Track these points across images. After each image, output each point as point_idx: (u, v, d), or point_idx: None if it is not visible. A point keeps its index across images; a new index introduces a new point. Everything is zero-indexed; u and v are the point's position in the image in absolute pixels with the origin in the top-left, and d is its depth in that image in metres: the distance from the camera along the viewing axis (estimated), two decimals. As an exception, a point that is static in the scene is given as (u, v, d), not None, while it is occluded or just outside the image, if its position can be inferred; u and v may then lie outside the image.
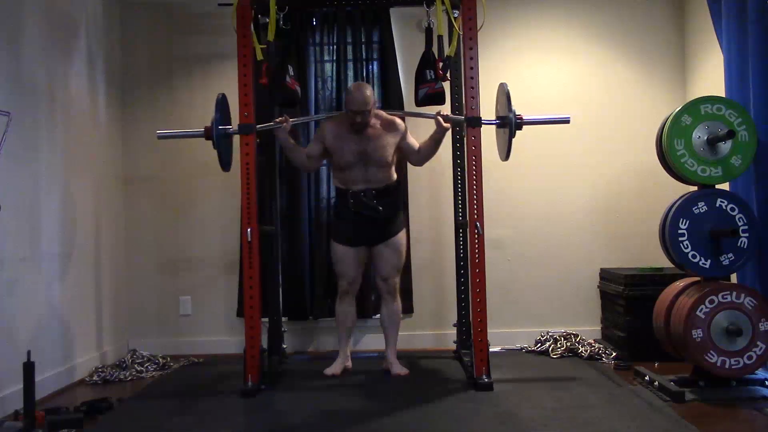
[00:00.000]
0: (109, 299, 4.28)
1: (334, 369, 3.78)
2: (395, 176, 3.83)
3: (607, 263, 4.52)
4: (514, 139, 3.46)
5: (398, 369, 3.79)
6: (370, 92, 3.65)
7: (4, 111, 2.94)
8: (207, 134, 3.42)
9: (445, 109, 4.08)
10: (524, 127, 4.51)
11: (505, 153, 3.52)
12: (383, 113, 3.80)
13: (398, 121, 3.79)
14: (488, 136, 3.64)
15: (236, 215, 4.19)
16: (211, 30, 4.61)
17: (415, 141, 3.80)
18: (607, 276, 4.38)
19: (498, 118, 3.59)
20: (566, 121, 3.62)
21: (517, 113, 3.43)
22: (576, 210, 4.59)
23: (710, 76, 4.18)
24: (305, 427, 2.94)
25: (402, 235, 3.83)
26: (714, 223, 3.26)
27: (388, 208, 3.73)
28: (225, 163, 3.55)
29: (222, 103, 3.51)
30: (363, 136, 3.68)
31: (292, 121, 3.71)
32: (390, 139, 3.72)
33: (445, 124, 3.63)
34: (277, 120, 3.65)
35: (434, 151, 3.76)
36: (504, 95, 3.50)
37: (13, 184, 3.26)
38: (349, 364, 3.88)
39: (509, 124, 3.42)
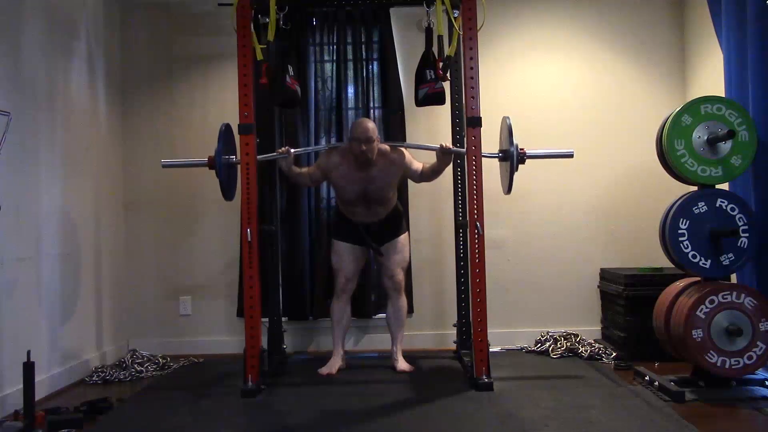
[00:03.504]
0: (109, 299, 4.28)
1: (329, 369, 3.80)
2: (395, 200, 3.92)
3: (607, 263, 4.52)
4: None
5: (403, 365, 3.83)
6: (373, 125, 3.71)
7: (4, 111, 2.94)
8: (210, 164, 3.43)
9: (445, 109, 4.11)
10: (524, 127, 4.54)
11: (507, 186, 3.52)
12: (386, 148, 3.77)
13: (398, 155, 3.77)
14: (489, 136, 3.62)
15: (236, 215, 4.19)
16: (211, 30, 4.61)
17: (417, 164, 3.80)
18: (607, 276, 4.38)
19: (500, 151, 3.57)
20: (570, 155, 3.58)
21: (519, 147, 3.40)
22: (576, 210, 4.59)
23: (710, 76, 4.18)
24: (305, 427, 2.94)
25: (404, 236, 3.93)
26: (714, 223, 3.26)
27: (388, 226, 3.86)
28: (227, 193, 3.53)
29: (225, 134, 3.48)
30: (366, 176, 3.72)
31: (294, 152, 3.71)
32: (393, 177, 3.79)
33: (446, 156, 3.66)
34: (280, 150, 3.66)
35: (436, 177, 3.82)
36: (506, 129, 3.47)
37: (13, 184, 3.26)
38: (344, 364, 3.89)
39: (510, 158, 3.41)
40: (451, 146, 3.65)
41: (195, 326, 4.58)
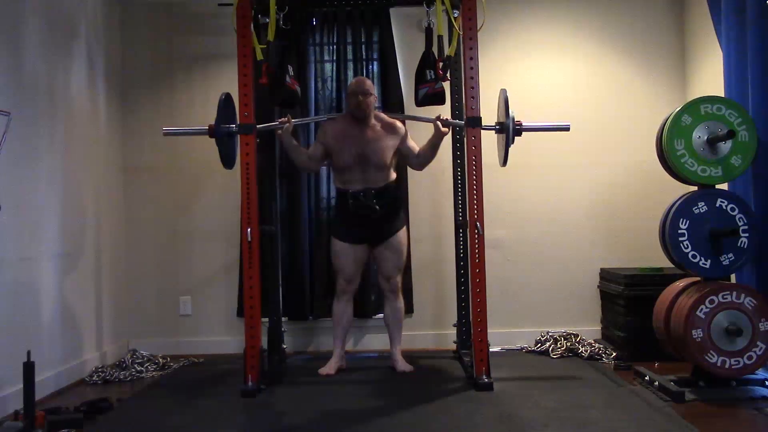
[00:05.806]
0: (109, 299, 4.28)
1: (328, 369, 3.80)
2: (394, 176, 3.87)
3: (607, 263, 4.52)
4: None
5: (403, 366, 3.83)
6: (371, 83, 3.83)
7: (4, 111, 2.94)
8: (211, 132, 3.44)
9: (445, 109, 4.10)
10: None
11: (503, 159, 3.52)
12: (384, 116, 3.84)
13: (398, 124, 3.83)
14: (488, 136, 3.62)
15: (236, 215, 4.19)
16: (211, 30, 4.61)
17: (415, 144, 3.83)
18: (607, 276, 4.38)
19: (497, 123, 3.57)
20: (566, 128, 3.61)
21: (516, 119, 3.42)
22: (576, 210, 4.59)
23: (710, 76, 4.18)
24: (305, 427, 2.94)
25: (402, 233, 3.88)
26: (714, 223, 3.26)
27: (387, 206, 3.76)
28: (227, 161, 3.55)
29: (226, 102, 3.50)
30: (362, 138, 3.72)
31: (295, 122, 3.71)
32: (389, 141, 3.77)
33: (443, 129, 3.66)
34: (280, 120, 3.67)
35: (433, 155, 3.79)
36: (503, 101, 3.49)
37: (13, 184, 3.26)
38: (344, 364, 3.89)
39: (506, 130, 3.42)
40: (449, 119, 3.66)
41: (195, 326, 4.58)
